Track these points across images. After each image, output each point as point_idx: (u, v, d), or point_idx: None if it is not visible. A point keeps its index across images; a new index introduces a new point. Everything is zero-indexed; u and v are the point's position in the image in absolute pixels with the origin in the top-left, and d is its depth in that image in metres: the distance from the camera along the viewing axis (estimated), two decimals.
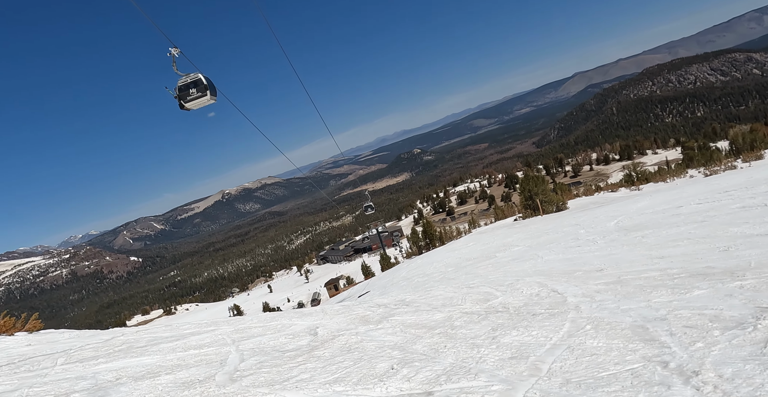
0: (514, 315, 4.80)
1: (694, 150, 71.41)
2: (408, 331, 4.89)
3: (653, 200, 14.04)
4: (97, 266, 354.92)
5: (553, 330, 4.04)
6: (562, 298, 5.06)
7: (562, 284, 5.94)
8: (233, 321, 6.10)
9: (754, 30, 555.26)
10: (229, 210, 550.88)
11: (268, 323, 5.64)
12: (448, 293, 6.81)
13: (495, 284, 6.99)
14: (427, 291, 7.71)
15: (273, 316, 6.39)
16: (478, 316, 5.03)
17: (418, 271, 18.75)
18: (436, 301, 6.30)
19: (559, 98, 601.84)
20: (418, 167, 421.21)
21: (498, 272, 10.40)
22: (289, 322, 5.63)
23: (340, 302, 19.68)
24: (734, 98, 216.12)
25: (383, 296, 13.28)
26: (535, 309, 4.87)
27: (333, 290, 50.88)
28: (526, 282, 6.68)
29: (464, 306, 5.63)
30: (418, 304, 6.30)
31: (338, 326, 5.34)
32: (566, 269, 7.83)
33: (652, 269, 5.74)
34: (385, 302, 6.84)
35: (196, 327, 5.88)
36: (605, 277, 5.88)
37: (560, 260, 9.58)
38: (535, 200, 21.56)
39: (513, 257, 12.68)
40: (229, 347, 4.68)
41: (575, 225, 14.48)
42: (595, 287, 5.30)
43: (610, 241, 10.21)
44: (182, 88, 10.29)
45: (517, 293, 5.86)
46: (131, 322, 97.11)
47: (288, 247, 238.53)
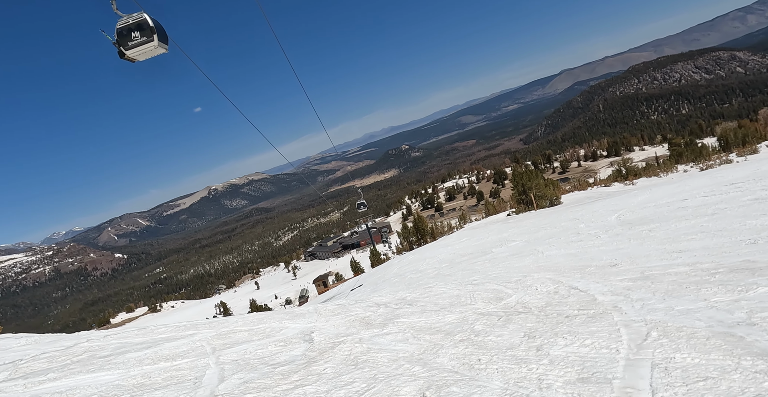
0: (542, 317, 4.23)
1: (681, 146, 72.03)
2: (422, 337, 4.28)
3: (653, 194, 13.64)
4: (80, 262, 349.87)
5: (611, 338, 3.36)
6: (589, 296, 4.52)
7: (578, 280, 5.43)
8: (215, 323, 5.49)
9: (737, 29, 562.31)
10: (215, 206, 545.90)
11: (256, 326, 5.04)
12: (452, 291, 6.25)
13: (501, 281, 6.46)
14: (427, 289, 7.14)
15: (261, 317, 5.77)
16: (498, 317, 4.47)
17: (410, 267, 18.23)
18: (442, 300, 5.74)
19: (546, 95, 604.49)
20: (406, 163, 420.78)
21: (498, 268, 9.90)
22: (279, 325, 5.04)
23: (329, 300, 19.06)
24: (718, 96, 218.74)
25: (377, 293, 12.71)
26: (564, 310, 4.32)
27: (321, 287, 50.17)
28: (535, 278, 6.16)
29: (476, 306, 5.07)
30: (422, 303, 5.72)
31: (337, 330, 4.78)
32: (575, 265, 7.33)
33: (677, 263, 5.24)
34: (384, 301, 6.26)
35: (173, 331, 5.25)
36: (625, 272, 5.38)
37: (564, 256, 9.10)
38: (528, 194, 21.14)
39: (511, 253, 12.20)
40: (207, 359, 4.02)
41: (574, 219, 14.04)
42: (621, 284, 4.78)
43: (614, 235, 9.76)
44: (122, 33, 7.91)
45: (530, 290, 5.33)
46: (115, 320, 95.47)
47: (275, 243, 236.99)
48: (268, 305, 62.45)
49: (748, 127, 28.51)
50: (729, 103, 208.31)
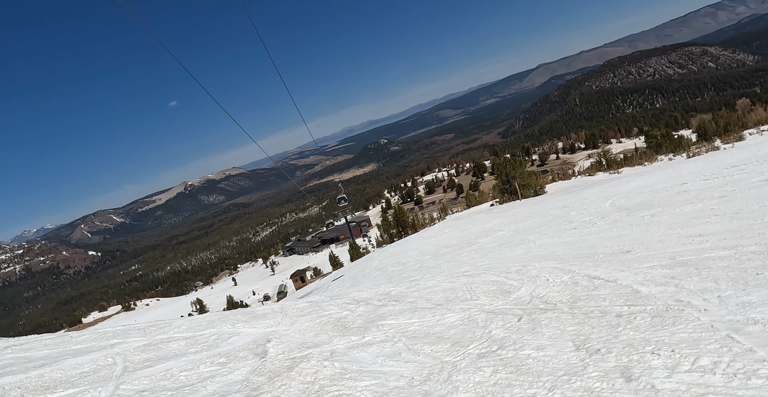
0: (581, 317, 3.39)
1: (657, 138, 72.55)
2: (419, 349, 3.31)
3: (646, 180, 13.05)
4: (53, 261, 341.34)
5: (738, 354, 2.25)
6: (625, 287, 3.73)
7: (592, 269, 4.66)
8: (153, 329, 4.54)
9: (709, 25, 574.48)
10: (192, 202, 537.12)
11: (201, 331, 4.13)
12: (444, 283, 5.41)
13: (498, 272, 5.66)
14: (413, 282, 6.28)
15: (212, 319, 4.82)
16: (517, 317, 3.66)
17: (391, 260, 17.42)
18: (434, 294, 4.88)
19: (523, 89, 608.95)
20: (385, 158, 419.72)
21: (487, 259, 9.13)
22: (231, 329, 4.13)
23: (305, 296, 18.08)
24: (691, 90, 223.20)
25: (356, 287, 11.83)
26: (604, 305, 3.51)
27: (299, 282, 48.95)
28: (537, 268, 5.37)
29: (480, 301, 4.22)
30: (411, 299, 4.85)
31: (302, 338, 3.89)
32: (577, 253, 6.57)
33: (708, 247, 4.50)
34: (365, 297, 5.38)
35: (96, 339, 4.28)
36: (647, 259, 4.62)
37: (559, 244, 8.37)
38: (513, 183, 20.49)
39: (499, 243, 11.46)
40: (101, 389, 2.95)
41: (563, 207, 13.37)
42: (656, 272, 4.01)
43: (611, 222, 9.07)
44: None
45: (540, 281, 4.52)
46: (87, 319, 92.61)
47: (254, 239, 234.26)
48: (245, 302, 61.14)
49: (730, 116, 28.32)
50: (701, 97, 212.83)
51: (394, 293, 5.38)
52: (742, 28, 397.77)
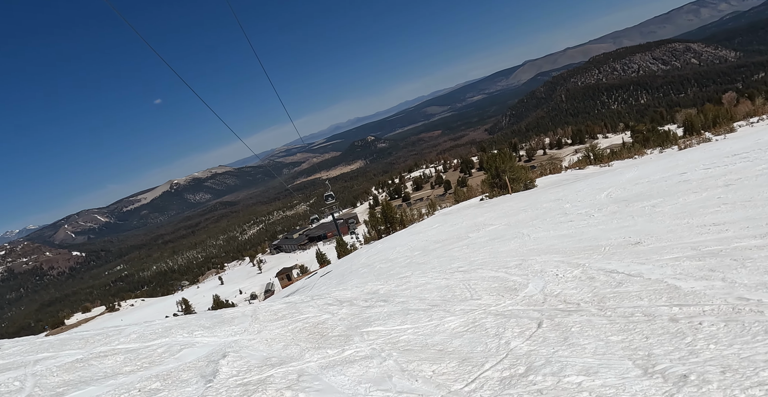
0: (622, 321, 2.81)
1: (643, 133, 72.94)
2: (417, 371, 2.66)
3: (641, 171, 12.66)
4: (36, 262, 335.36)
5: None
6: (660, 283, 3.24)
7: (604, 262, 4.18)
8: (98, 338, 3.92)
9: (691, 22, 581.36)
10: (178, 201, 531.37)
11: (151, 341, 3.54)
12: (437, 280, 4.88)
13: (496, 267, 5.15)
14: (403, 279, 5.74)
15: (169, 326, 4.20)
16: (536, 322, 3.08)
17: (379, 256, 16.91)
18: (428, 293, 4.33)
19: (510, 86, 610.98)
20: (373, 155, 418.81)
21: (480, 254, 8.64)
22: (186, 338, 3.54)
23: (289, 295, 17.47)
24: (675, 86, 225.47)
25: (342, 286, 11.29)
26: (643, 305, 2.97)
27: (285, 281, 48.30)
28: (540, 262, 4.88)
29: (483, 301, 3.69)
30: (401, 298, 4.30)
31: (267, 351, 3.24)
32: (579, 246, 6.10)
33: (731, 237, 4.05)
34: (350, 296, 4.82)
35: (25, 352, 3.64)
36: (665, 250, 4.15)
37: (556, 237, 7.90)
38: (503, 177, 20.06)
39: (491, 237, 10.99)
40: None
41: (556, 200, 12.94)
42: (686, 264, 3.53)
43: (610, 213, 8.63)
44: None
45: (549, 276, 4.02)
46: (70, 321, 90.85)
47: (240, 237, 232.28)
48: (232, 301, 60.36)
49: (719, 110, 28.23)
50: (685, 93, 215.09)
51: (383, 291, 4.83)
52: (724, 25, 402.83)
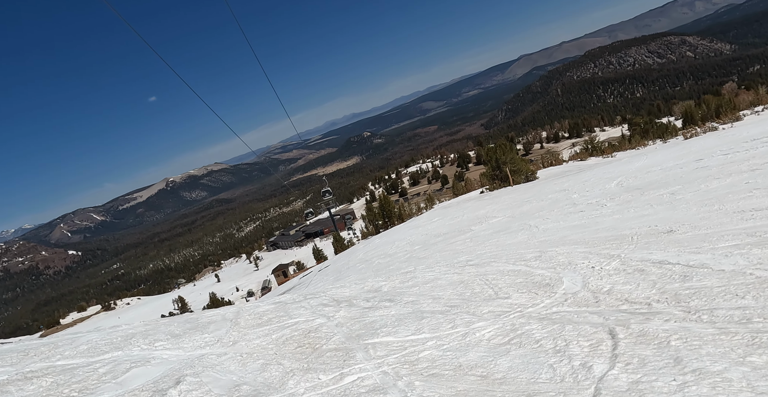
0: (745, 331, 2.14)
1: (641, 126, 72.83)
2: None
3: (651, 160, 12.15)
4: (31, 261, 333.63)
5: None
6: (749, 277, 2.64)
7: (642, 252, 3.66)
8: (42, 350, 3.32)
9: (686, 15, 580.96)
10: (174, 199, 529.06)
11: (99, 355, 2.93)
12: (448, 275, 4.32)
13: (511, 260, 4.62)
14: (407, 275, 5.18)
15: (130, 334, 3.52)
16: (608, 331, 2.39)
17: (377, 251, 16.39)
18: (441, 290, 3.75)
19: (505, 80, 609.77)
20: (369, 151, 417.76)
21: (485, 247, 8.11)
22: (142, 352, 2.91)
23: (284, 293, 16.93)
24: (670, 79, 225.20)
25: (340, 283, 10.74)
26: (760, 307, 2.34)
27: (281, 277, 47.73)
28: (561, 253, 4.34)
29: (515, 300, 3.08)
30: (410, 297, 3.69)
31: (238, 374, 2.55)
32: (596, 236, 5.57)
33: None
34: (348, 295, 4.23)
35: None
36: (713, 237, 3.64)
37: (568, 228, 7.37)
38: (503, 169, 19.53)
39: (496, 229, 10.46)
40: None
41: (562, 191, 12.42)
42: (759, 253, 2.95)
43: (623, 202, 8.11)
44: None
45: (582, 269, 3.49)
46: (65, 320, 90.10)
47: (237, 234, 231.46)
48: (228, 299, 59.80)
49: (721, 99, 27.76)
50: (680, 86, 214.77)
51: (386, 288, 4.25)
52: (719, 18, 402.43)
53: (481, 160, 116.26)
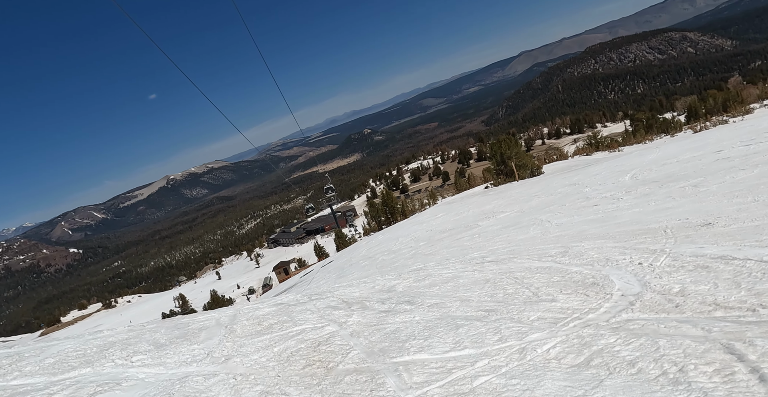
0: None
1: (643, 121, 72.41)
2: None
3: (664, 153, 11.78)
4: (32, 259, 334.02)
5: None
6: None
7: (693, 247, 3.31)
8: (2, 363, 2.94)
9: (687, 11, 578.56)
10: (174, 196, 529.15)
11: (64, 373, 2.49)
12: (467, 273, 3.95)
13: (534, 256, 4.26)
14: (420, 272, 4.81)
15: (108, 344, 2.98)
16: (732, 355, 1.73)
17: (381, 248, 16.04)
18: (467, 291, 3.34)
19: (506, 77, 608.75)
20: (369, 147, 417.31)
21: (496, 243, 7.75)
22: (116, 369, 2.41)
23: (286, 291, 16.61)
24: (671, 75, 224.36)
25: (344, 280, 10.39)
26: None
27: (283, 275, 47.42)
28: (590, 248, 3.99)
29: (564, 304, 2.66)
30: (432, 299, 3.26)
31: None
32: (620, 230, 5.22)
33: None
34: (358, 296, 3.83)
35: None
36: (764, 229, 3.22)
37: (584, 222, 7.01)
38: (508, 164, 19.16)
39: (505, 224, 10.09)
40: None
41: (572, 185, 12.05)
42: None
43: (641, 195, 7.74)
44: None
45: (631, 267, 3.13)
46: (66, 318, 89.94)
47: (238, 232, 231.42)
48: (229, 297, 59.50)
49: (728, 93, 27.35)
50: (681, 82, 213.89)
51: (401, 288, 3.84)
52: (719, 14, 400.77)
53: (482, 157, 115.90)
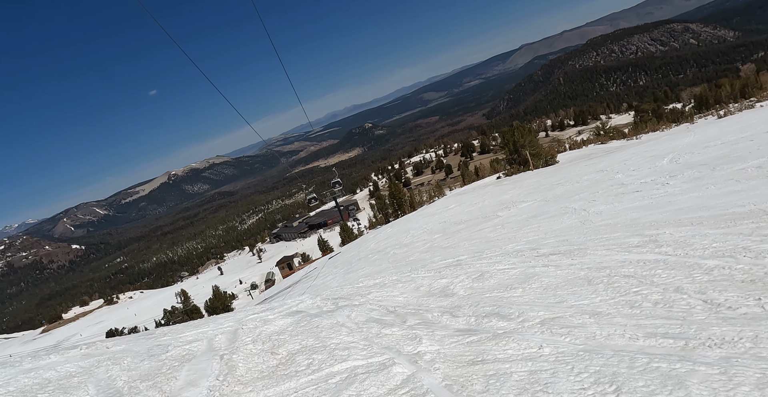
0: None
1: (649, 112, 71.48)
2: None
3: (701, 136, 10.98)
4: (35, 256, 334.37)
5: None
6: None
7: None
8: None
9: (689, 2, 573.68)
10: (176, 192, 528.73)
11: None
12: (540, 269, 3.15)
13: (613, 247, 3.47)
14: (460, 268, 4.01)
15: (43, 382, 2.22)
16: None
17: (391, 241, 15.27)
18: (576, 297, 2.35)
19: (507, 70, 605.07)
20: (370, 142, 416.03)
21: (526, 233, 6.98)
22: None
23: (291, 287, 15.92)
24: (673, 67, 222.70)
25: (351, 274, 9.63)
26: None
27: (286, 270, 46.68)
28: (692, 236, 3.16)
29: None
30: (538, 311, 2.19)
31: None
32: (695, 216, 4.46)
33: None
34: (403, 302, 2.96)
35: None
36: None
37: (632, 209, 6.24)
38: (522, 152, 18.33)
39: (530, 214, 9.31)
40: None
41: (599, 172, 11.26)
42: None
43: (691, 179, 6.95)
44: None
45: None
46: (68, 315, 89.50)
47: (240, 227, 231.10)
48: (232, 292, 58.92)
49: (747, 79, 26.47)
50: (684, 74, 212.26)
51: (461, 290, 2.79)
52: (721, 5, 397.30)
53: (485, 149, 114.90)
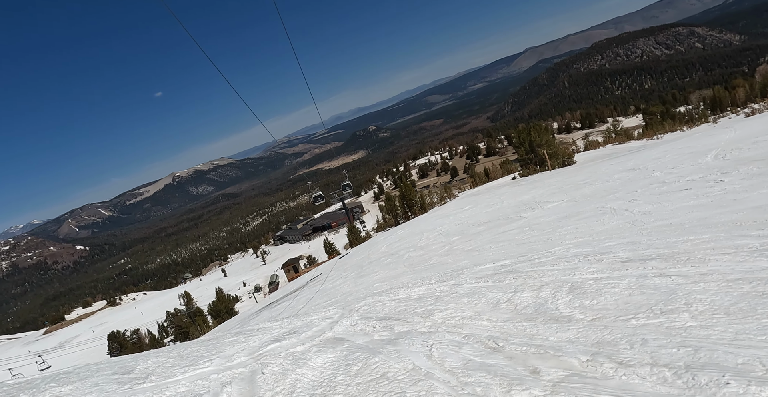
0: None
1: (657, 115, 70.68)
2: None
3: (743, 132, 10.33)
4: (40, 256, 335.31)
5: None
6: None
7: None
8: None
9: (694, 6, 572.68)
10: (180, 193, 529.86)
11: None
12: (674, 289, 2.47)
13: (735, 250, 2.80)
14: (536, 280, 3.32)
15: None
16: None
17: (404, 243, 14.61)
18: None
19: (511, 73, 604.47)
20: (374, 144, 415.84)
21: (563, 236, 6.33)
22: None
23: (298, 290, 15.32)
24: (679, 71, 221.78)
25: (363, 278, 9.00)
26: None
27: (292, 273, 46.09)
28: None
29: None
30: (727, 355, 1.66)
31: None
32: None
33: None
34: (498, 332, 2.18)
35: None
36: None
37: (690, 208, 5.60)
38: (539, 152, 17.65)
39: (560, 215, 8.64)
40: None
41: (631, 170, 10.59)
42: None
43: (751, 176, 6.30)
44: None
45: None
46: (71, 316, 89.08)
47: (244, 229, 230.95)
48: (236, 294, 58.35)
49: (766, 79, 25.79)
50: (689, 77, 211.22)
51: (577, 313, 2.15)
52: (727, 8, 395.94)
53: (491, 152, 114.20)
